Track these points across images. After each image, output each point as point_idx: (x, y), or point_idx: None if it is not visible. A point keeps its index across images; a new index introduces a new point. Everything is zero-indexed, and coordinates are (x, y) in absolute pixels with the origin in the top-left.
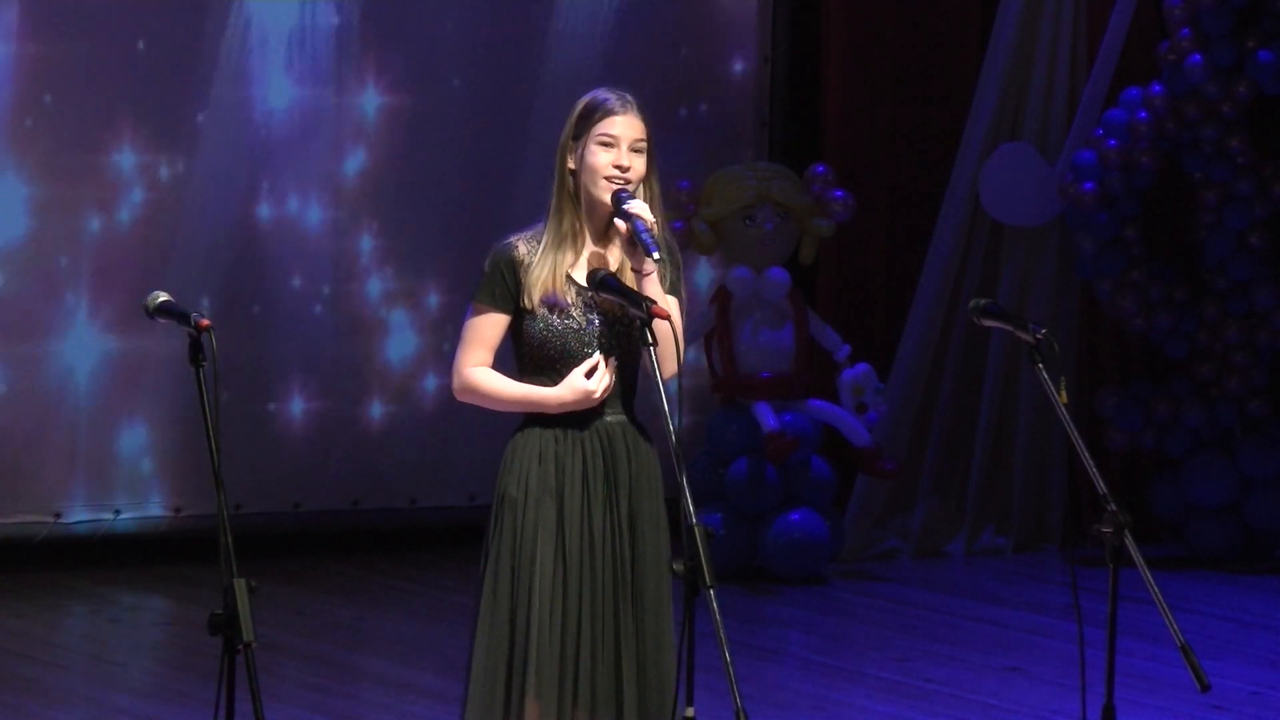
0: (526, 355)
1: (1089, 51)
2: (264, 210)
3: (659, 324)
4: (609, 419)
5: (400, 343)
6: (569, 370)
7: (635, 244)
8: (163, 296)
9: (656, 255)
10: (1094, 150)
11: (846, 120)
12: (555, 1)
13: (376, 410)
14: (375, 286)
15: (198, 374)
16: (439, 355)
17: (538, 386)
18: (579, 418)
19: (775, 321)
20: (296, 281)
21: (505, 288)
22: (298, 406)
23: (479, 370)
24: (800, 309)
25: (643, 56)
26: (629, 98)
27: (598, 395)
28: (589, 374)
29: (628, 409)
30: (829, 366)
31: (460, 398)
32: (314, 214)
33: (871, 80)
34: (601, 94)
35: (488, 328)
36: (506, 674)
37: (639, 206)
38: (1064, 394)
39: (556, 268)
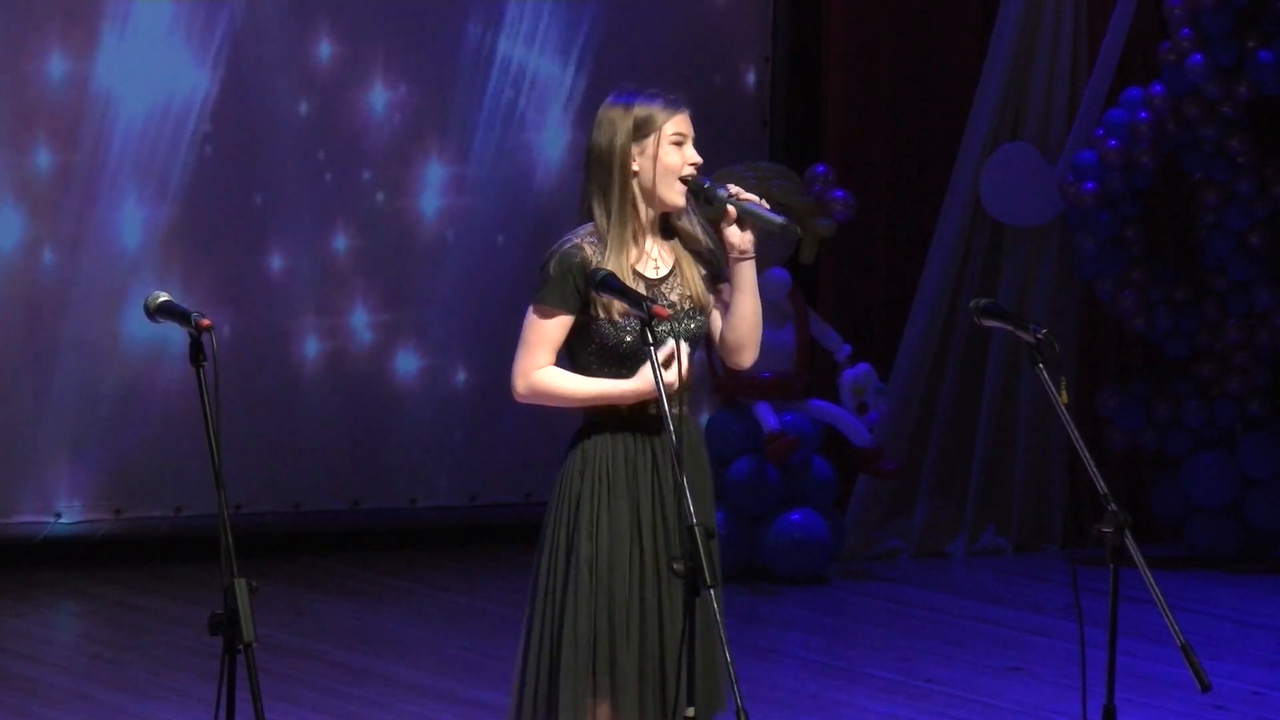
0: (593, 354)
1: (1089, 51)
2: (264, 209)
3: (754, 310)
4: (672, 413)
5: (402, 343)
6: (641, 363)
7: (745, 226)
8: (163, 296)
9: (797, 229)
10: (1094, 150)
11: (846, 120)
12: (556, 2)
13: (377, 410)
14: (378, 287)
15: (198, 374)
16: (441, 355)
17: (612, 380)
18: (646, 417)
19: (776, 321)
20: (298, 281)
21: (575, 290)
22: (298, 406)
23: (548, 371)
24: (801, 309)
25: (643, 56)
26: (675, 94)
27: (675, 385)
28: (665, 364)
29: (685, 403)
30: (829, 366)
31: (524, 400)
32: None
33: (871, 80)
34: (648, 93)
35: (554, 330)
36: (587, 673)
37: (738, 190)
38: (1064, 394)
39: (624, 272)
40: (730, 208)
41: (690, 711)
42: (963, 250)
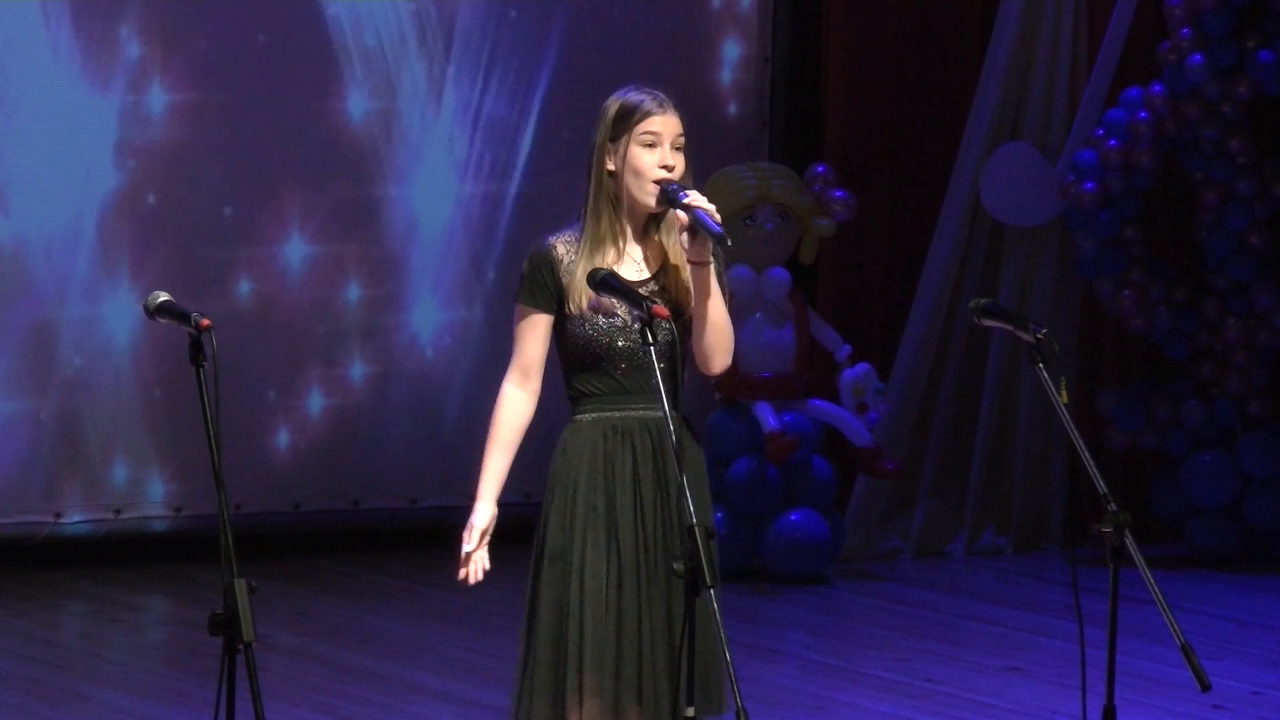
0: (571, 354)
1: (1089, 51)
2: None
3: (715, 315)
4: (659, 414)
5: (402, 343)
6: (614, 366)
7: (697, 234)
8: (163, 296)
9: (729, 241)
10: (1094, 150)
11: (846, 120)
12: (555, 2)
13: (377, 410)
14: (378, 287)
15: (198, 374)
16: (441, 355)
17: (491, 483)
18: (629, 412)
19: (776, 321)
20: (298, 282)
21: (545, 288)
22: (299, 406)
23: (508, 405)
24: (801, 309)
25: (643, 56)
26: (663, 95)
27: (460, 573)
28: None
29: (676, 404)
30: (829, 366)
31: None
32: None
33: (871, 80)
34: (635, 94)
35: (528, 329)
36: (561, 670)
37: (696, 197)
38: (1064, 394)
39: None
40: (680, 214)
41: (690, 711)
42: (963, 250)
